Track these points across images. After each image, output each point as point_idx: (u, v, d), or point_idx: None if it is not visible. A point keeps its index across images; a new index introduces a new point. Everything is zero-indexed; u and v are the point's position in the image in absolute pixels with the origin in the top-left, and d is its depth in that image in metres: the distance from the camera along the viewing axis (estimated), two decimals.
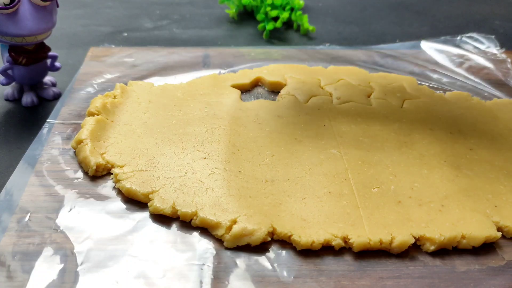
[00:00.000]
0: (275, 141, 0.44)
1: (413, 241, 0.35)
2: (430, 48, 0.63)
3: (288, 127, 0.46)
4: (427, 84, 0.55)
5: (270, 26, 0.69)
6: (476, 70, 0.59)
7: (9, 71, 0.50)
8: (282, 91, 0.52)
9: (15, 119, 0.50)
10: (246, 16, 0.76)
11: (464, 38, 0.64)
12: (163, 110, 0.47)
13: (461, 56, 0.61)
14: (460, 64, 0.60)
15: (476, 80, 0.57)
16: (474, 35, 0.65)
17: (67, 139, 0.44)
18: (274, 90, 0.53)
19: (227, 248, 0.35)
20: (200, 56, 0.59)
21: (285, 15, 0.70)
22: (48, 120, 0.47)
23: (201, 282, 0.32)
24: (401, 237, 0.35)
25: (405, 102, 0.50)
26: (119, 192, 0.39)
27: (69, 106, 0.49)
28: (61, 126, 0.46)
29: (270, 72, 0.54)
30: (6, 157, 0.45)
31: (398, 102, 0.50)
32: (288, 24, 0.73)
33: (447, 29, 0.74)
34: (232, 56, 0.60)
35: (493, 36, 0.64)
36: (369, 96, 0.51)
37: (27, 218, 0.36)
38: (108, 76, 0.54)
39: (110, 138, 0.43)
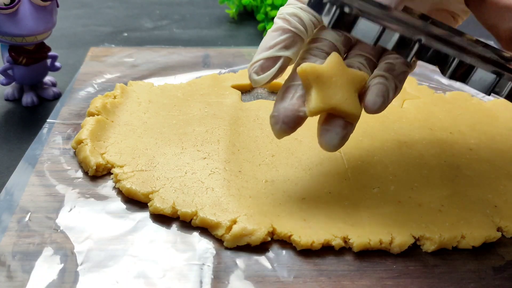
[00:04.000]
0: (275, 141, 0.44)
1: (413, 241, 0.35)
2: None
3: None
4: (427, 84, 0.55)
5: (270, 26, 0.69)
6: None
7: (9, 71, 0.50)
8: None
9: (15, 119, 0.50)
10: (246, 16, 0.76)
11: None
12: (163, 110, 0.47)
13: None
14: None
15: None
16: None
17: (67, 139, 0.44)
18: (274, 90, 0.53)
19: (227, 248, 0.35)
20: (200, 56, 0.59)
21: None
22: (48, 120, 0.47)
23: (201, 282, 0.32)
24: (401, 237, 0.35)
25: (405, 102, 0.50)
26: (119, 192, 0.39)
27: (69, 106, 0.49)
28: (61, 126, 0.46)
29: None
30: (6, 157, 0.45)
31: (398, 102, 0.50)
32: None
33: None
34: (232, 56, 0.60)
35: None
36: None
37: (27, 218, 0.36)
38: (108, 76, 0.54)
39: (110, 138, 0.43)
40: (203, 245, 0.35)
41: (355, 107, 0.33)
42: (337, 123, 0.33)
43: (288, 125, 0.33)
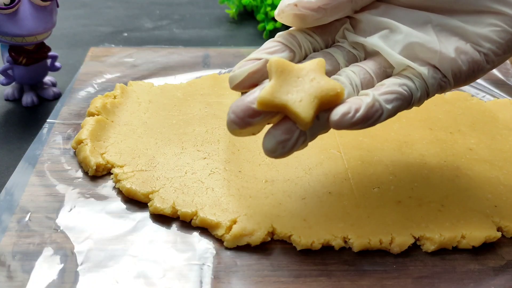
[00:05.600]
0: None
1: (413, 241, 0.35)
2: None
3: None
4: None
5: (270, 26, 0.69)
6: None
7: (9, 71, 0.50)
8: None
9: (15, 119, 0.50)
10: (246, 16, 0.76)
11: None
12: (163, 110, 0.47)
13: None
14: None
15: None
16: None
17: (67, 139, 0.44)
18: None
19: (227, 248, 0.35)
20: (200, 56, 0.59)
21: None
22: (48, 120, 0.47)
23: (201, 282, 0.32)
24: (401, 237, 0.35)
25: None
26: (119, 192, 0.39)
27: (69, 106, 0.49)
28: (61, 126, 0.46)
29: None
30: (6, 157, 0.45)
31: None
32: None
33: None
34: (232, 56, 0.60)
35: None
36: None
37: (27, 218, 0.36)
38: (108, 76, 0.54)
39: (110, 138, 0.43)
40: (203, 245, 0.35)
41: (305, 111, 0.28)
42: (282, 126, 0.29)
43: (236, 114, 0.29)
